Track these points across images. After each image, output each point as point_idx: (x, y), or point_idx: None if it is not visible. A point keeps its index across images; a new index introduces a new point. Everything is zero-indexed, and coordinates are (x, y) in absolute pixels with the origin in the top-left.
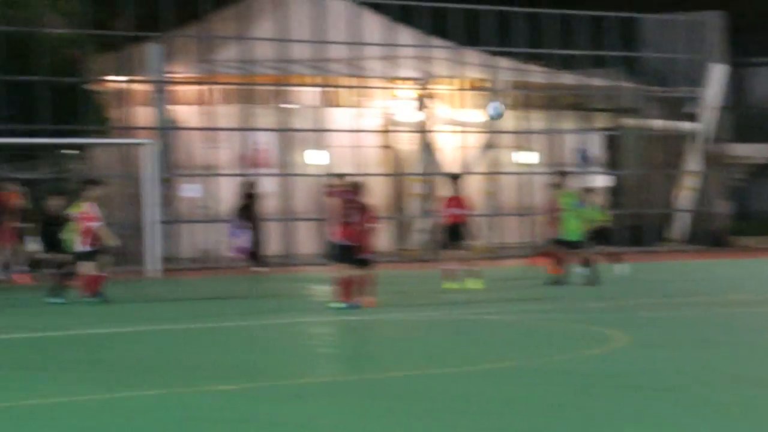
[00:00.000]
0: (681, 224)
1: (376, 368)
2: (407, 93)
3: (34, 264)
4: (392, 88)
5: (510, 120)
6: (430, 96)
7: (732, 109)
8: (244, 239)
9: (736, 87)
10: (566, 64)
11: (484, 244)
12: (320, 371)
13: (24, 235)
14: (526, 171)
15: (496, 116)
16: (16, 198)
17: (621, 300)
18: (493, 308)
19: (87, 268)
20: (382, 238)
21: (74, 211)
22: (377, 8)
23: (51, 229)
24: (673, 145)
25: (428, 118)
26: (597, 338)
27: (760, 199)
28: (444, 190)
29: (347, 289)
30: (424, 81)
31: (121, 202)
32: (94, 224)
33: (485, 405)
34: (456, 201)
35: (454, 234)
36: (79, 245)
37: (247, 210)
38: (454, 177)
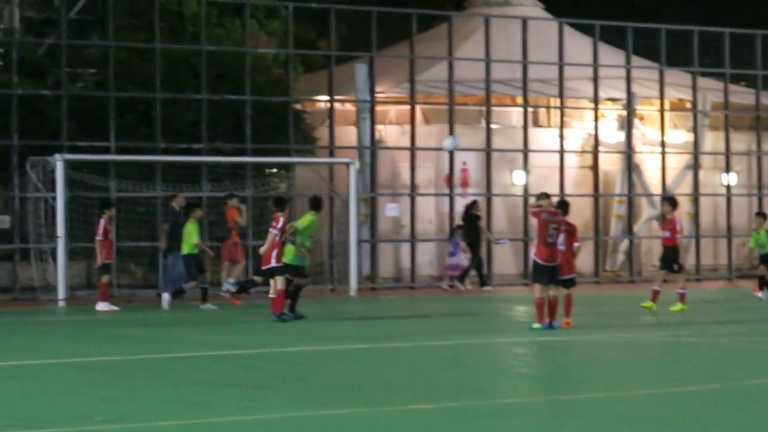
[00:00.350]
0: None
1: (571, 389)
2: (611, 113)
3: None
4: (596, 108)
5: (711, 141)
6: (635, 116)
7: None
8: (458, 258)
9: None
10: None
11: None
12: (516, 391)
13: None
14: (727, 193)
15: (452, 148)
16: (239, 215)
17: None
18: (694, 330)
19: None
20: (584, 259)
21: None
22: (582, 28)
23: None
24: None
25: (632, 138)
26: None
27: None
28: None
29: (545, 309)
30: (628, 101)
31: (327, 222)
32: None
33: (683, 428)
34: (671, 224)
35: (667, 257)
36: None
37: (469, 229)
38: (671, 201)
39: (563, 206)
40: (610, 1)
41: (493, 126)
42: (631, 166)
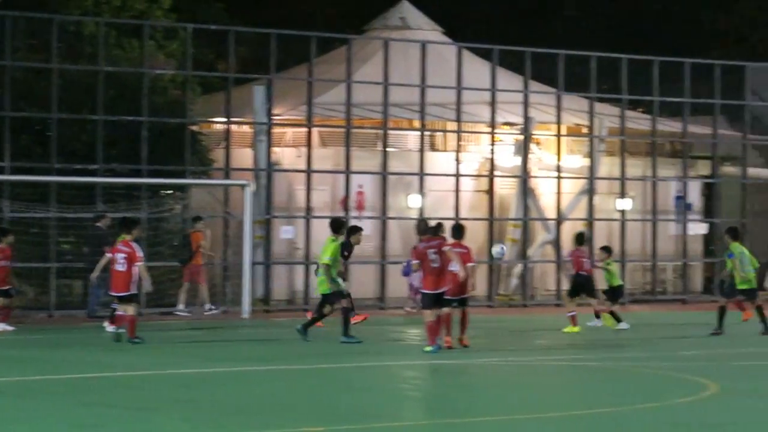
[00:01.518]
0: None
1: (460, 412)
2: (508, 138)
3: None
4: (493, 132)
5: (607, 166)
6: (531, 141)
7: None
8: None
9: None
10: (668, 110)
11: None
12: (406, 414)
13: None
14: (621, 218)
15: (500, 255)
16: (203, 238)
17: (712, 348)
18: (585, 354)
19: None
20: (477, 283)
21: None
22: (480, 52)
23: None
24: None
25: (528, 163)
26: (687, 386)
27: None
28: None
29: (434, 332)
30: (525, 126)
31: (220, 243)
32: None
33: None
34: (577, 252)
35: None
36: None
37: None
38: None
39: (458, 230)
40: (509, 25)
41: (389, 149)
42: (526, 191)
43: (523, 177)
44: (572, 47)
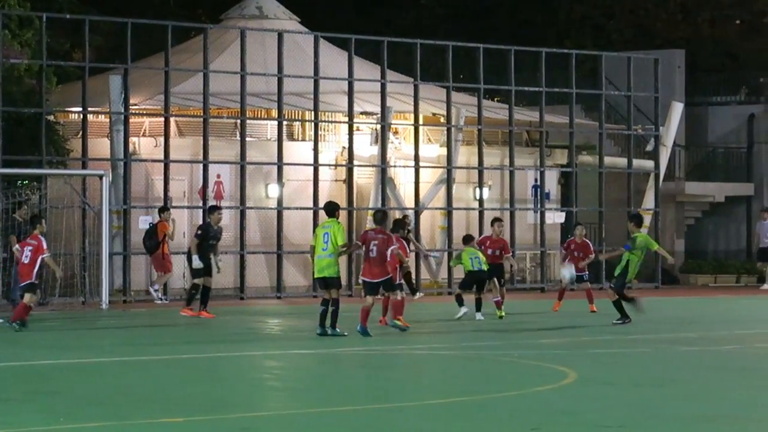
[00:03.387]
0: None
1: (325, 401)
2: (366, 127)
3: None
4: (351, 122)
5: (465, 155)
6: (389, 130)
7: (688, 147)
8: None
9: (693, 125)
10: (525, 99)
11: (436, 279)
12: (268, 404)
13: None
14: (479, 207)
15: (570, 279)
16: (168, 228)
17: (573, 336)
18: (446, 343)
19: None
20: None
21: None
22: (338, 42)
23: None
24: (630, 183)
25: (386, 152)
26: (547, 374)
27: (713, 237)
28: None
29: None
30: (382, 115)
31: (78, 234)
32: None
33: None
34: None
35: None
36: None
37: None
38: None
39: (396, 223)
40: (367, 15)
41: (247, 139)
42: (384, 180)
43: (381, 166)
44: (429, 37)
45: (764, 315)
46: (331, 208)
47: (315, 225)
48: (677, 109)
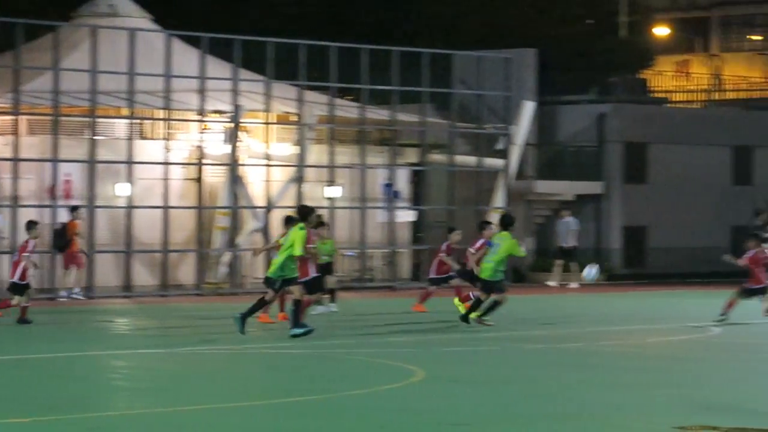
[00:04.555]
0: None
1: (170, 401)
2: (217, 126)
3: None
4: (203, 120)
5: (317, 154)
6: (241, 129)
7: (539, 146)
8: None
9: (544, 124)
10: (378, 98)
11: None
12: (115, 404)
13: None
14: (330, 205)
15: (591, 278)
16: (78, 227)
17: (421, 335)
18: (294, 341)
19: None
20: (186, 271)
21: None
22: (190, 40)
23: None
24: (482, 181)
25: (237, 151)
26: (396, 372)
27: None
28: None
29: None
30: (234, 114)
31: None
32: None
33: None
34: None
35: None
36: None
37: None
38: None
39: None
40: (219, 13)
41: (97, 137)
42: (235, 179)
43: (233, 165)
44: (282, 35)
45: (610, 313)
46: (303, 212)
47: (166, 224)
48: (528, 107)
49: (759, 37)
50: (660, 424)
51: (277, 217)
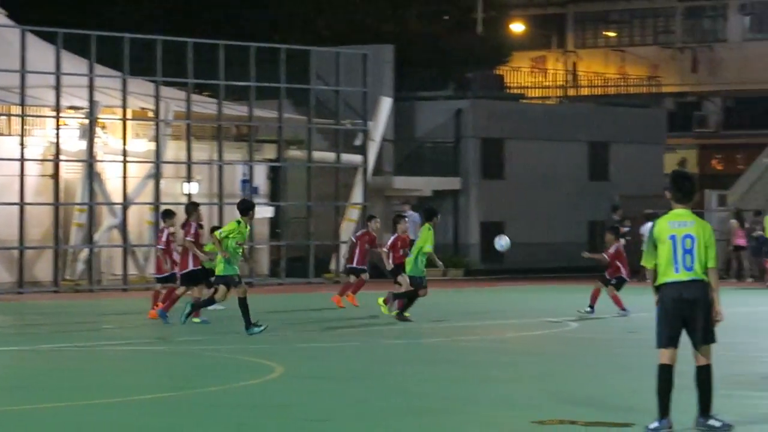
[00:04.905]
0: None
1: (22, 400)
2: (73, 122)
3: None
4: (59, 116)
5: (174, 150)
6: (97, 125)
7: (397, 142)
8: None
9: (402, 120)
10: (235, 94)
11: (144, 275)
12: None
13: None
14: (189, 202)
15: (503, 249)
16: None
17: (280, 331)
18: (155, 339)
19: None
20: (42, 268)
21: None
22: (46, 35)
23: None
24: (340, 177)
25: (94, 147)
26: (254, 369)
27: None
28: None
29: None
30: (91, 110)
31: None
32: None
33: None
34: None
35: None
36: None
37: None
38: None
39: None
40: (75, 9)
41: None
42: (92, 175)
43: (89, 161)
44: (138, 31)
45: (468, 308)
46: (243, 207)
47: (22, 220)
48: (386, 103)
49: (613, 34)
50: (519, 418)
51: (134, 214)
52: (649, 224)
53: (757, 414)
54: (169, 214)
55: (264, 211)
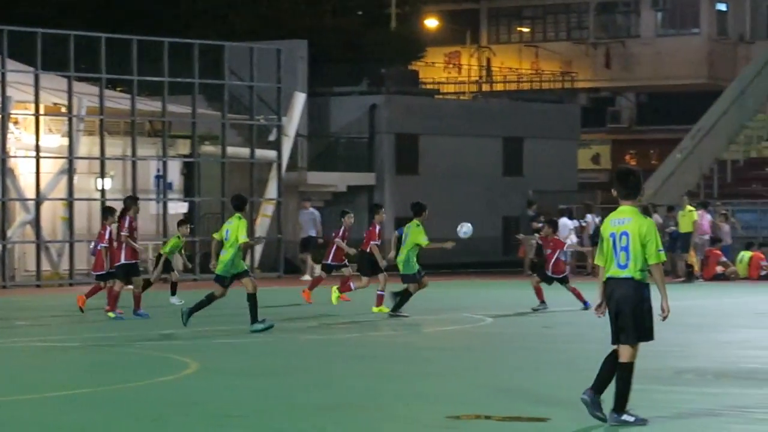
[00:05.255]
0: (259, 251)
1: None
2: None
3: None
4: None
5: (87, 146)
6: (10, 121)
7: (311, 137)
8: None
9: (316, 116)
10: (149, 89)
11: (57, 271)
12: None
13: None
14: (102, 197)
15: (465, 235)
16: None
17: (196, 326)
18: (69, 335)
19: None
20: None
21: None
22: None
23: None
24: (254, 173)
25: (6, 142)
26: (169, 365)
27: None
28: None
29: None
30: (3, 105)
31: None
32: None
33: None
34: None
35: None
36: None
37: None
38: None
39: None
40: None
41: None
42: (5, 171)
43: (2, 157)
44: (51, 26)
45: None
46: (238, 203)
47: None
48: (299, 99)
49: (527, 30)
50: (434, 413)
51: (47, 210)
52: (564, 219)
53: (670, 409)
54: (110, 212)
55: (178, 207)
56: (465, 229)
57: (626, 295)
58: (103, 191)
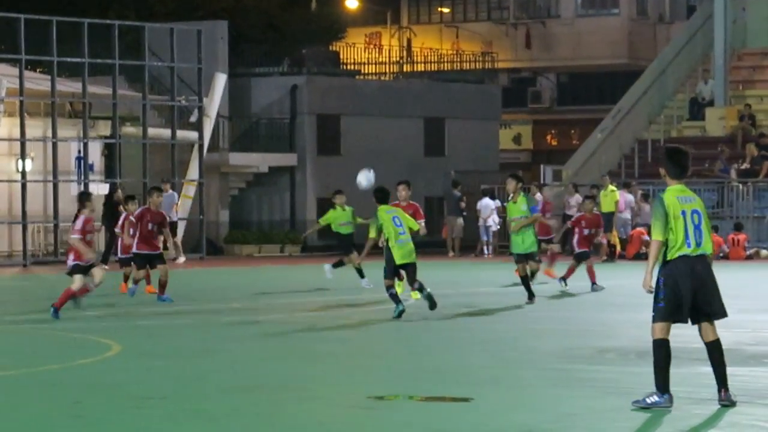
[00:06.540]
0: (181, 232)
1: None
2: None
3: None
4: None
5: (7, 127)
6: None
7: (232, 118)
8: None
9: (237, 96)
10: (68, 70)
11: None
12: None
13: None
14: (22, 179)
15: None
16: None
17: (117, 308)
18: None
19: None
20: None
21: None
22: None
23: None
24: (176, 154)
25: None
26: (91, 347)
27: (258, 207)
28: None
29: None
30: None
31: None
32: None
33: None
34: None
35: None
36: None
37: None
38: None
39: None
40: None
41: None
42: None
43: None
44: None
45: (305, 285)
46: (384, 195)
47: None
48: (220, 80)
49: (447, 10)
50: (356, 394)
51: None
52: (486, 200)
53: (593, 388)
54: (131, 199)
55: (99, 188)
56: (368, 177)
57: (708, 271)
58: (23, 173)
